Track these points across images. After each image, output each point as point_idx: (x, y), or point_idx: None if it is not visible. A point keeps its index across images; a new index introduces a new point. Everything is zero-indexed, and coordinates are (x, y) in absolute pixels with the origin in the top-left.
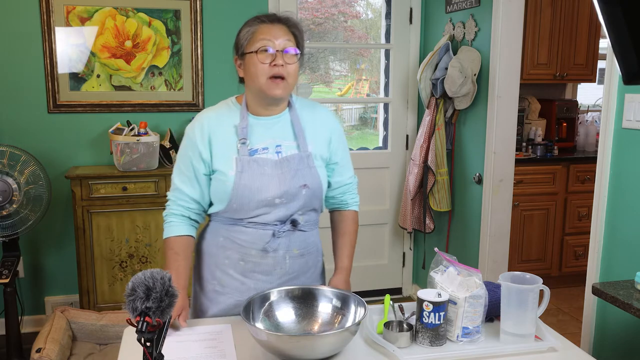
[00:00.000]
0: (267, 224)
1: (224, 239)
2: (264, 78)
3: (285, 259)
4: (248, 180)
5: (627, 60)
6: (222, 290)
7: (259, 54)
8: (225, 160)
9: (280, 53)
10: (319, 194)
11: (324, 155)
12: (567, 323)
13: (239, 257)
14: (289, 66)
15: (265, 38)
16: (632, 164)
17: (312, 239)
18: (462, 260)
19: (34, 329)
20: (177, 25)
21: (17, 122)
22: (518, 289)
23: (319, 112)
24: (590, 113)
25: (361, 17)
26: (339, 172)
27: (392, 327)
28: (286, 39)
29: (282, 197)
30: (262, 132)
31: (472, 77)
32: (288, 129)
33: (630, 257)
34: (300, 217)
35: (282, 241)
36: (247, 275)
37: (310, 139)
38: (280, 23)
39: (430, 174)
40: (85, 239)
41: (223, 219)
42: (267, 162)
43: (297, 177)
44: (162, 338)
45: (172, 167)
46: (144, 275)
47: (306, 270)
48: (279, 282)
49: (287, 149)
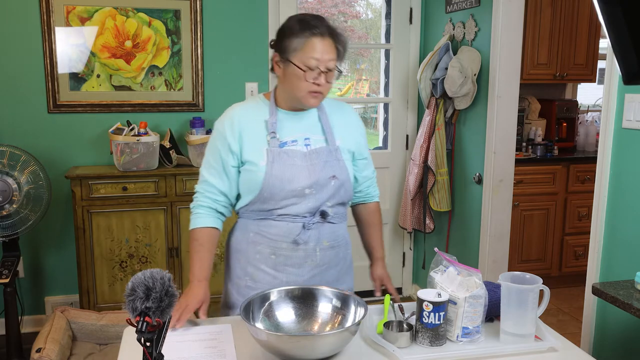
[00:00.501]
0: (297, 216)
1: (254, 234)
2: (304, 92)
3: (315, 251)
4: (279, 170)
5: (627, 60)
6: (254, 286)
7: (306, 72)
8: (256, 152)
9: (325, 73)
10: (347, 186)
11: (351, 149)
12: (567, 323)
13: (270, 251)
14: (328, 83)
15: (314, 57)
16: (632, 164)
17: (341, 232)
18: (462, 260)
19: (34, 329)
20: (177, 25)
21: (17, 122)
22: (518, 289)
23: (346, 110)
24: (590, 113)
25: (361, 17)
26: (365, 167)
27: (392, 327)
28: (332, 58)
29: (311, 187)
30: (291, 126)
31: (472, 77)
32: (316, 124)
33: (630, 257)
34: (329, 208)
35: (312, 233)
36: (279, 269)
37: (338, 134)
38: (331, 38)
39: (430, 174)
40: (85, 239)
41: (252, 214)
42: (296, 153)
43: (326, 169)
44: (162, 338)
45: (172, 167)
46: (144, 275)
47: (337, 262)
48: (310, 274)
49: (316, 142)
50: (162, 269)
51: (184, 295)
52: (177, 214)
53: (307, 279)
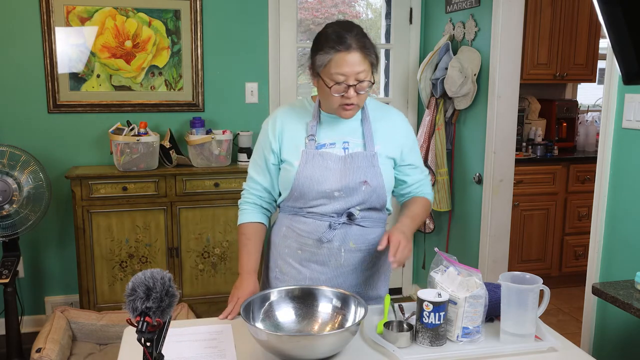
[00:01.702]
0: (324, 215)
1: (286, 228)
2: (336, 105)
3: (340, 251)
4: (310, 171)
5: (627, 60)
6: (281, 278)
7: (332, 87)
8: (293, 152)
9: (354, 86)
10: (380, 192)
11: (390, 155)
12: (567, 323)
13: (298, 246)
14: (361, 95)
15: (339, 72)
16: (632, 164)
17: (373, 236)
18: (462, 260)
19: (34, 329)
20: (177, 25)
21: (17, 122)
22: (518, 289)
23: (392, 115)
24: (590, 113)
25: (361, 17)
26: (416, 172)
27: (392, 327)
28: (361, 70)
29: (341, 190)
30: (331, 129)
31: (472, 77)
32: (357, 128)
33: (630, 257)
34: (357, 211)
35: (338, 233)
36: (304, 265)
37: (379, 139)
38: (357, 51)
39: (430, 174)
40: (85, 239)
41: (287, 209)
42: (331, 156)
43: (358, 173)
44: (162, 338)
45: (172, 167)
46: (144, 275)
47: (365, 267)
48: (334, 273)
49: (354, 146)
50: (162, 269)
51: (234, 287)
52: (177, 214)
53: (330, 278)
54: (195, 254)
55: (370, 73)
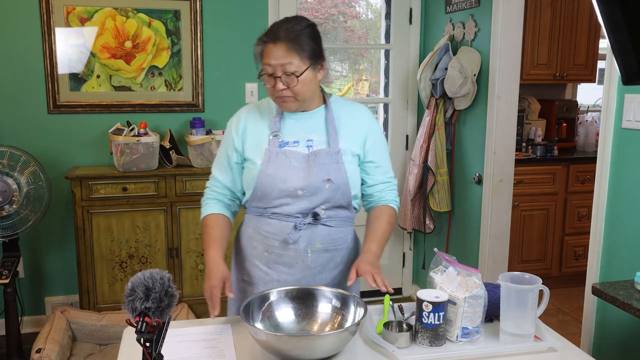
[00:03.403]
0: (289, 216)
1: (252, 230)
2: (272, 97)
3: (307, 252)
4: (273, 170)
5: (626, 60)
6: (249, 281)
7: (262, 79)
8: (256, 150)
9: (280, 77)
10: (345, 189)
11: (355, 152)
12: (567, 323)
13: (264, 248)
14: (292, 87)
15: (266, 63)
16: (632, 164)
17: (340, 235)
18: (462, 261)
19: (34, 329)
20: (177, 26)
21: (17, 122)
22: (517, 289)
23: (357, 111)
24: (590, 113)
25: (361, 17)
26: (377, 172)
27: (392, 327)
28: (285, 62)
29: (304, 189)
30: (295, 126)
31: (472, 77)
32: (321, 125)
33: (630, 257)
34: (322, 211)
35: (304, 234)
36: (271, 267)
37: (343, 135)
38: (282, 41)
39: (430, 174)
40: (85, 239)
41: (253, 210)
42: (295, 154)
43: (322, 171)
44: (161, 338)
45: (172, 168)
46: (144, 275)
47: (333, 267)
48: (301, 275)
49: (318, 143)
50: (162, 269)
51: (205, 280)
52: (177, 215)
53: (298, 279)
54: (195, 254)
55: (305, 66)
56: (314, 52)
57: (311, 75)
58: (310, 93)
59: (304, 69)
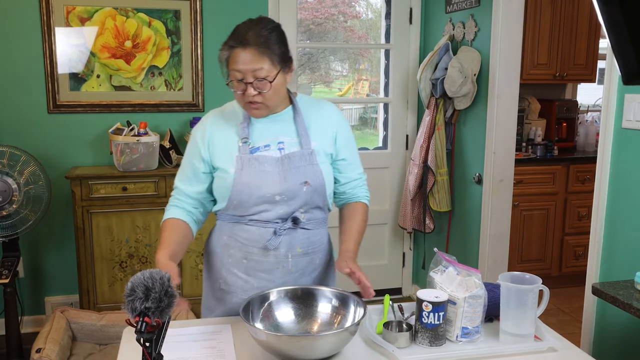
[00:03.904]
0: (268, 222)
1: (227, 237)
2: (242, 103)
3: (287, 257)
4: (247, 177)
5: (626, 60)
6: (227, 289)
7: (232, 84)
8: (226, 159)
9: (251, 83)
10: (321, 190)
11: (328, 151)
12: (567, 323)
13: (242, 255)
14: (264, 93)
15: (234, 69)
16: (632, 164)
17: (317, 238)
18: (462, 260)
19: (34, 329)
20: (177, 26)
21: (17, 122)
22: (517, 289)
23: (324, 109)
24: (590, 113)
25: (361, 17)
26: (348, 169)
27: (392, 327)
28: (256, 67)
29: (282, 194)
30: (264, 130)
31: (472, 77)
32: (290, 126)
33: (630, 257)
34: (302, 214)
35: (284, 239)
36: (250, 274)
37: (314, 135)
38: (251, 46)
39: (430, 174)
40: (85, 239)
41: (227, 217)
42: (268, 159)
43: (298, 174)
44: (161, 338)
45: (172, 167)
46: (143, 275)
47: (312, 269)
48: (281, 280)
49: (290, 145)
50: None
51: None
52: None
53: (278, 285)
54: (195, 254)
55: (276, 71)
56: (283, 55)
57: (282, 79)
58: (280, 97)
59: (275, 74)
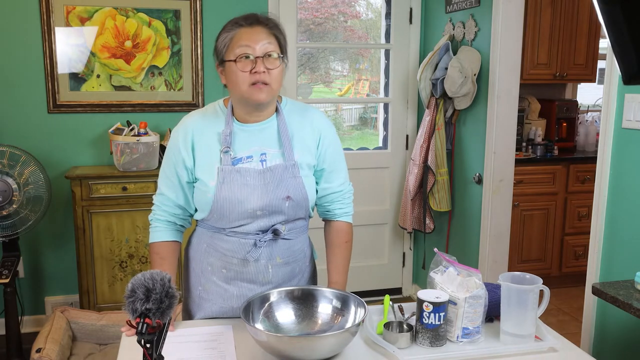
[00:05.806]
0: (248, 234)
1: (207, 245)
2: (246, 86)
3: (267, 268)
4: (228, 191)
5: (626, 60)
6: (206, 297)
7: (238, 62)
8: (207, 170)
9: (261, 59)
10: (303, 204)
11: (310, 163)
12: (567, 323)
13: (221, 265)
14: (272, 71)
15: (244, 44)
16: (632, 164)
17: (298, 247)
18: (462, 260)
19: (34, 329)
20: (177, 26)
21: (17, 122)
22: (518, 289)
23: (309, 116)
24: (590, 113)
25: (361, 17)
26: (327, 179)
27: (392, 327)
28: (267, 42)
29: (263, 209)
30: (246, 140)
31: (472, 77)
32: (274, 137)
33: (630, 257)
34: (282, 226)
35: (264, 250)
36: (230, 283)
37: (298, 146)
38: (261, 25)
39: (430, 174)
40: (85, 239)
41: (207, 226)
42: (250, 172)
43: (280, 188)
44: (162, 339)
45: None
46: (144, 276)
47: (292, 277)
48: (262, 288)
49: (272, 157)
50: None
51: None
52: None
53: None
54: None
55: (279, 50)
56: (285, 47)
57: (282, 70)
58: (278, 91)
59: (282, 58)
